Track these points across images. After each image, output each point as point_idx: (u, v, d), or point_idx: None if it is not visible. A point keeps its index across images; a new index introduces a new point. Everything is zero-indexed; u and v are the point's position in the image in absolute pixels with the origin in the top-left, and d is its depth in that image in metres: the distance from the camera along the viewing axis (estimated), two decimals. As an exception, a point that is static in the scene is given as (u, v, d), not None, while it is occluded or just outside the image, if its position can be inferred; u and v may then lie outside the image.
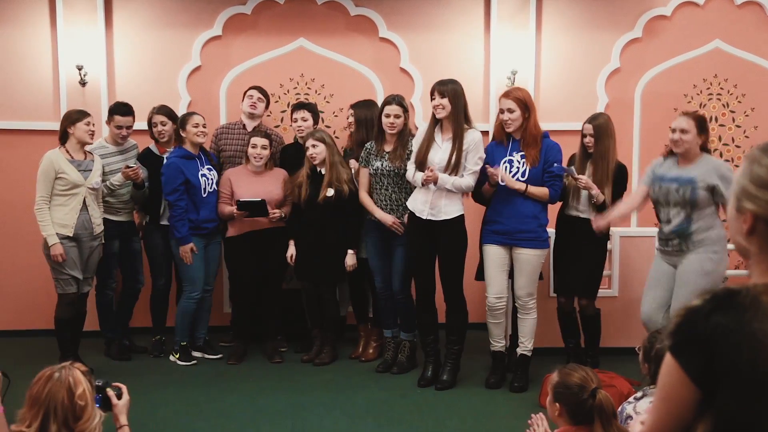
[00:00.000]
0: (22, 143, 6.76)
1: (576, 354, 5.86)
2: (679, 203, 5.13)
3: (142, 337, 6.53)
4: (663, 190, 5.20)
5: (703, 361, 1.57)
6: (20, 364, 4.16)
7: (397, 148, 5.78)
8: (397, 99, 5.81)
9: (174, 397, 5.49)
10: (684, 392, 1.61)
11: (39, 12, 6.77)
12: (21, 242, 6.61)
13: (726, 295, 1.60)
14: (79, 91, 6.74)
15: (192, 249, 6.02)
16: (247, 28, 6.96)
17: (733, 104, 7.15)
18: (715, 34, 7.09)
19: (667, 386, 1.64)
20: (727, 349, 1.54)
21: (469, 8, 7.01)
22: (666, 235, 5.24)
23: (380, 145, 5.86)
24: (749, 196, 1.66)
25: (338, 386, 5.70)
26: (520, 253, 5.47)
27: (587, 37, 7.06)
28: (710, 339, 1.56)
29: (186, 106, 6.82)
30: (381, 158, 5.83)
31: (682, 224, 5.13)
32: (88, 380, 2.80)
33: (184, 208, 6.00)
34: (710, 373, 1.57)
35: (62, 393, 2.70)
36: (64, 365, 2.81)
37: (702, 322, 1.58)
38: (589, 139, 5.66)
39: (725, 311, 1.57)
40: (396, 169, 5.77)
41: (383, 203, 5.85)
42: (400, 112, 5.77)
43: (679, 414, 1.63)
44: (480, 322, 5.84)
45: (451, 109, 5.41)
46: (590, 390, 3.01)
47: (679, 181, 5.13)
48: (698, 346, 1.58)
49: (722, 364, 1.55)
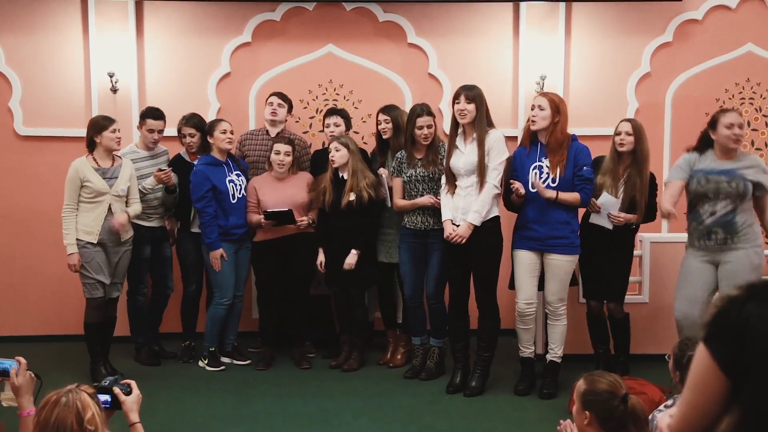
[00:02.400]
0: (54, 150, 6.84)
1: (606, 360, 5.80)
2: (731, 195, 5.17)
3: (171, 342, 6.56)
4: (712, 183, 5.19)
5: (734, 350, 1.57)
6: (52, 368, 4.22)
7: (428, 155, 5.80)
8: (426, 109, 5.82)
9: (202, 402, 5.51)
10: (713, 381, 1.60)
11: (71, 19, 6.84)
12: (53, 248, 6.66)
13: (764, 286, 1.60)
14: (111, 98, 6.80)
15: (222, 255, 6.05)
16: (276, 34, 6.99)
17: (766, 108, 7.06)
18: (747, 37, 7.02)
19: (698, 375, 1.64)
20: (759, 338, 1.54)
21: (497, 14, 6.99)
22: (708, 228, 5.21)
23: (411, 153, 5.86)
24: None
25: (366, 392, 5.68)
26: (553, 258, 5.44)
27: (617, 41, 7.01)
28: (742, 327, 1.56)
29: (216, 113, 6.86)
30: (414, 166, 5.83)
31: (728, 216, 5.16)
32: (96, 403, 2.72)
33: (212, 215, 6.03)
34: (739, 363, 1.56)
35: (71, 418, 2.62)
36: (70, 388, 2.71)
37: (736, 311, 1.58)
38: (624, 137, 5.57)
39: (760, 301, 1.57)
40: (430, 174, 5.78)
41: (418, 209, 5.83)
42: (432, 122, 5.79)
43: (706, 404, 1.62)
44: (510, 328, 5.81)
45: (475, 114, 5.41)
46: (621, 396, 2.96)
47: (730, 174, 5.17)
48: (730, 335, 1.58)
49: (752, 352, 1.54)
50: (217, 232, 6.03)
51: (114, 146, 5.86)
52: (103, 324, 5.94)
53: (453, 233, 5.45)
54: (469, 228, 5.42)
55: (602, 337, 5.89)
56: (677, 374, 3.32)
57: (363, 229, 6.00)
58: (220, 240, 6.04)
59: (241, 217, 6.14)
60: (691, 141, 5.51)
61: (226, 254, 6.07)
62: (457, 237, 5.43)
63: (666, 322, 6.04)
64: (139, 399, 3.06)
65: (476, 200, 5.42)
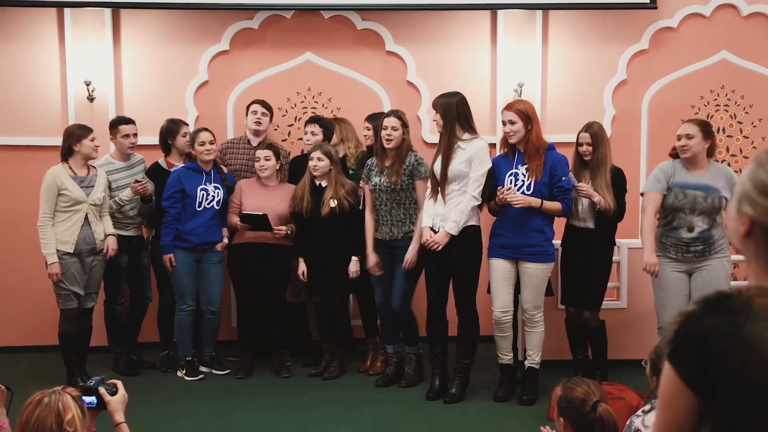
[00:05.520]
0: (30, 159, 6.78)
1: (584, 366, 5.83)
2: (706, 210, 5.22)
3: (149, 352, 6.53)
4: (689, 198, 5.23)
5: (698, 365, 1.56)
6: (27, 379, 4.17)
7: (394, 164, 5.75)
8: (396, 113, 5.83)
9: (182, 412, 5.47)
10: (682, 399, 1.60)
11: (47, 28, 6.80)
12: (28, 258, 6.62)
13: (718, 298, 1.59)
14: (87, 106, 6.76)
15: (171, 260, 6.03)
16: (255, 42, 6.99)
17: (740, 115, 7.13)
18: (722, 45, 7.08)
19: (666, 393, 1.63)
20: (719, 352, 1.53)
21: (475, 21, 7.02)
22: (688, 242, 5.26)
23: (381, 160, 5.84)
24: (750, 200, 1.65)
25: (347, 400, 5.67)
26: (527, 267, 5.46)
27: (594, 49, 7.06)
28: (703, 342, 1.55)
29: (194, 121, 6.84)
30: (380, 174, 5.81)
31: (707, 231, 5.24)
32: (79, 405, 2.75)
33: (174, 216, 6.03)
34: (705, 378, 1.56)
35: (51, 419, 2.65)
36: (55, 390, 2.75)
37: (695, 325, 1.58)
38: (585, 148, 5.67)
39: (717, 314, 1.56)
40: (393, 185, 5.74)
41: (384, 219, 5.83)
42: (397, 125, 5.74)
43: (679, 422, 1.62)
44: (489, 335, 5.82)
45: (443, 123, 5.44)
46: (592, 403, 2.99)
47: (706, 189, 5.22)
48: (692, 350, 1.57)
49: (715, 367, 1.54)
50: (173, 236, 6.03)
51: (93, 154, 5.84)
52: (79, 334, 5.90)
53: (430, 239, 5.47)
54: (446, 236, 5.44)
55: (580, 344, 5.91)
56: (654, 379, 3.33)
57: (356, 236, 5.96)
58: (174, 244, 6.03)
59: (202, 226, 6.07)
60: (667, 148, 5.57)
61: (175, 260, 6.03)
62: (434, 243, 5.44)
63: (644, 328, 6.08)
64: (125, 399, 3.07)
65: (455, 210, 5.44)
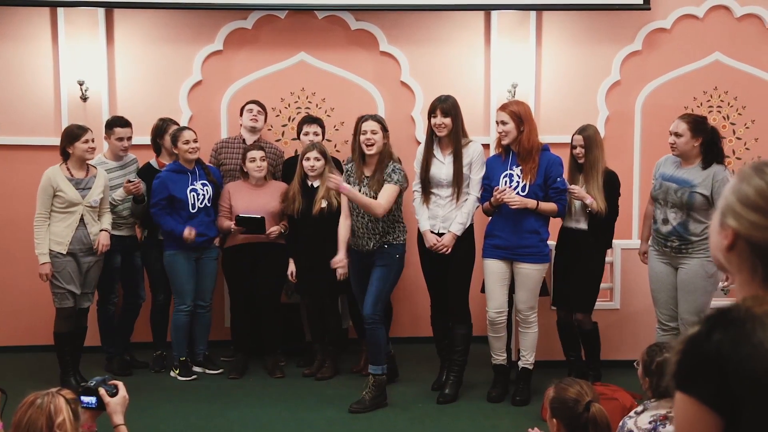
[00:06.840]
0: (24, 159, 6.77)
1: (578, 367, 5.84)
2: (677, 204, 5.19)
3: (143, 352, 6.51)
4: (663, 189, 5.26)
5: (718, 383, 1.49)
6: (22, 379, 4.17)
7: (376, 173, 5.46)
8: (376, 117, 5.60)
9: (176, 412, 5.48)
10: (705, 425, 1.51)
11: (40, 27, 6.78)
12: (23, 258, 6.60)
13: (719, 314, 1.55)
14: (81, 106, 6.75)
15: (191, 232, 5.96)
16: (248, 42, 6.98)
17: (733, 116, 7.14)
18: (715, 46, 7.09)
19: (686, 425, 1.54)
20: (738, 362, 1.47)
21: (469, 22, 7.02)
22: (665, 235, 5.26)
23: (360, 168, 5.54)
24: (734, 213, 1.63)
25: (340, 400, 5.66)
26: (521, 267, 5.47)
27: (587, 50, 7.07)
28: (718, 357, 1.48)
29: (187, 121, 6.83)
30: (360, 183, 5.51)
31: (681, 226, 5.18)
32: (72, 408, 2.73)
33: (163, 216, 6.02)
34: (728, 395, 1.48)
35: (41, 421, 2.64)
36: (50, 391, 2.74)
37: (705, 344, 1.51)
38: (579, 150, 5.67)
39: (724, 327, 1.51)
40: (374, 195, 5.42)
41: (360, 230, 5.51)
42: (377, 128, 5.44)
43: None
44: (483, 335, 5.83)
45: (452, 127, 5.43)
46: (584, 403, 2.99)
47: (679, 182, 5.19)
48: (708, 369, 1.50)
49: (737, 379, 1.47)
50: (176, 223, 5.98)
51: (87, 156, 5.82)
52: (74, 334, 5.90)
53: (438, 243, 5.46)
54: (453, 238, 5.44)
55: (573, 345, 5.92)
56: (646, 381, 3.35)
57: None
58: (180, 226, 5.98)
59: (200, 226, 6.06)
60: (660, 148, 5.58)
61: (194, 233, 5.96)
62: (443, 247, 5.45)
63: (637, 328, 6.10)
64: (125, 401, 3.03)
65: (460, 212, 5.46)
